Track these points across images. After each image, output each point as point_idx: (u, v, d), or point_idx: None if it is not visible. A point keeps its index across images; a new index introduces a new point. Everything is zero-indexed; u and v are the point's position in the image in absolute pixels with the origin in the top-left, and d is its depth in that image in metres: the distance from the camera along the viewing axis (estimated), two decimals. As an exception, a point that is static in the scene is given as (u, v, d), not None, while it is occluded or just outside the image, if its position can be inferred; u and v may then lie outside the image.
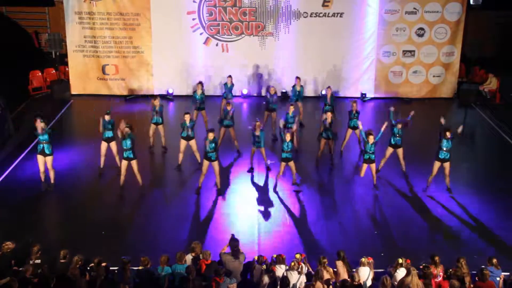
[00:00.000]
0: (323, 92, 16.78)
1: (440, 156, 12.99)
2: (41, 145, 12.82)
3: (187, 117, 13.91)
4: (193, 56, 19.93)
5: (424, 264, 9.56)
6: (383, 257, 10.51)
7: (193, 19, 19.65)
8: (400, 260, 9.57)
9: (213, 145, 12.77)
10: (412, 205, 13.08)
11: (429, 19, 19.83)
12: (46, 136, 12.83)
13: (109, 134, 13.89)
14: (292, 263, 9.33)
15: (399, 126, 13.65)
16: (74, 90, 20.08)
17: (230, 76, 17.20)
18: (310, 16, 19.67)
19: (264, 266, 9.48)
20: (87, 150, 15.33)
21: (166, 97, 19.42)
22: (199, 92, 16.00)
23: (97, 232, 11.56)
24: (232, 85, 17.07)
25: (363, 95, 20.18)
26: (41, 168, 12.98)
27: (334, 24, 19.68)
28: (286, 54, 19.92)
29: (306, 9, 19.60)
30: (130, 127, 12.77)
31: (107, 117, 13.77)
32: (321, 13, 19.64)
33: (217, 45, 19.94)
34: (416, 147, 15.27)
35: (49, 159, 12.94)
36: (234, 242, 9.72)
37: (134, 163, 12.87)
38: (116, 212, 12.48)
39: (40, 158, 12.90)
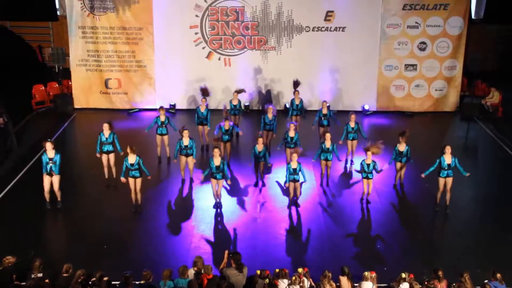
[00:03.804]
0: (320, 107, 16.63)
1: (442, 175, 12.96)
2: (49, 166, 12.67)
3: (185, 134, 13.93)
4: (196, 70, 19.96)
5: (427, 279, 9.51)
6: (386, 272, 10.46)
7: (196, 33, 19.75)
8: (403, 275, 9.51)
9: (213, 163, 12.63)
10: (415, 219, 13.06)
11: (431, 33, 19.89)
12: (58, 156, 12.72)
13: (108, 147, 14.03)
14: (294, 278, 9.28)
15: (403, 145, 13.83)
16: (77, 104, 20.16)
17: (236, 93, 17.15)
18: (312, 30, 19.76)
19: (267, 280, 9.42)
20: (90, 164, 15.34)
21: (169, 111, 19.44)
22: (202, 108, 15.93)
23: (99, 246, 11.53)
24: (239, 102, 17.04)
25: (365, 110, 20.20)
26: (47, 188, 12.81)
27: (336, 38, 19.77)
28: (289, 68, 19.89)
29: (308, 23, 19.70)
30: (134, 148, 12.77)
31: (106, 132, 13.88)
32: (323, 27, 19.73)
33: (219, 59, 20.03)
34: (419, 161, 15.23)
35: (56, 179, 12.82)
36: (237, 255, 9.66)
37: (138, 181, 12.86)
38: (119, 226, 12.43)
39: (47, 178, 12.75)
